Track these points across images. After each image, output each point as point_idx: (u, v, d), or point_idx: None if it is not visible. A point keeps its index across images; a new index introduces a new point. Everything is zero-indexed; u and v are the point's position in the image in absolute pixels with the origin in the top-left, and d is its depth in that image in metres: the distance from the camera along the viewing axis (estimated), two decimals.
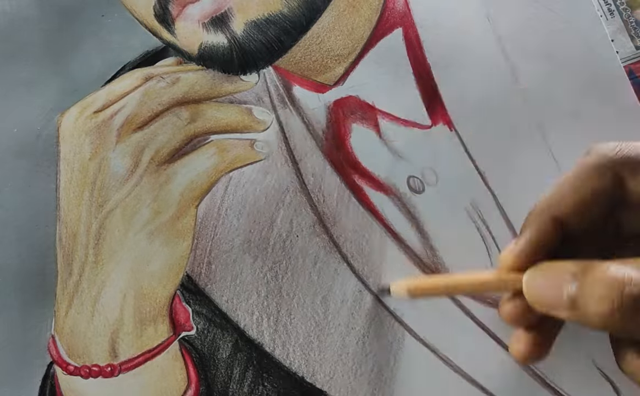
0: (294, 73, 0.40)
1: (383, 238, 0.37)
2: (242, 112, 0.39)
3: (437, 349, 0.36)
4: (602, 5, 0.41)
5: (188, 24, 0.39)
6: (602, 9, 0.41)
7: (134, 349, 0.35)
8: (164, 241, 0.36)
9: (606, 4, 0.41)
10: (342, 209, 0.38)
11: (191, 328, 0.36)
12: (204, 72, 0.39)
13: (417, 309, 0.36)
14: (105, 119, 0.37)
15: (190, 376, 0.35)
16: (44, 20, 0.40)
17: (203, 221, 0.37)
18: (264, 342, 0.36)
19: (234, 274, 0.36)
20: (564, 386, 0.35)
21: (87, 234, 0.36)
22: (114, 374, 0.34)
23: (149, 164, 0.37)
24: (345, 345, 0.36)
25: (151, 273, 0.36)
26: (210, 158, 0.38)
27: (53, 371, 0.35)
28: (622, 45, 0.41)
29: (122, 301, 0.35)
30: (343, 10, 0.40)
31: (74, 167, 0.37)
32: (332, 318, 0.36)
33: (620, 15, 0.41)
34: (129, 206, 0.36)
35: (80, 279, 0.35)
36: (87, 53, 0.39)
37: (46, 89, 0.38)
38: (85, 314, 0.35)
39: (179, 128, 0.38)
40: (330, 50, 0.40)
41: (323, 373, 0.35)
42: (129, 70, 0.39)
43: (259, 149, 0.38)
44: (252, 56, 0.39)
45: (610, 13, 0.41)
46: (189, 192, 0.37)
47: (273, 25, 0.39)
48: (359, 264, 0.37)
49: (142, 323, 0.35)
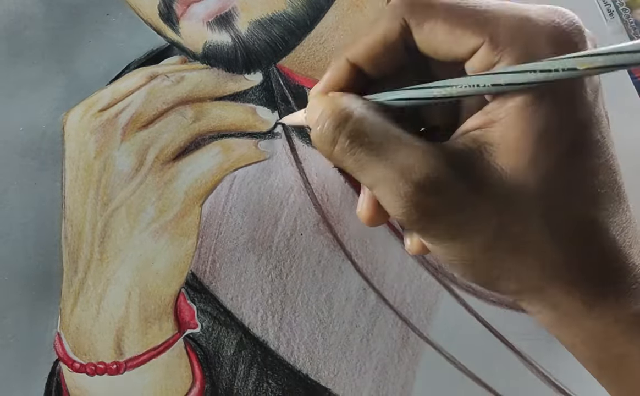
0: (298, 72, 0.40)
1: (387, 235, 0.38)
2: (247, 111, 0.39)
3: (441, 347, 0.36)
4: (601, 6, 0.42)
5: (192, 23, 0.39)
6: (601, 10, 0.41)
7: (139, 347, 0.35)
8: (168, 239, 0.36)
9: (606, 4, 0.42)
10: (346, 208, 0.38)
11: (196, 326, 0.36)
12: (209, 71, 0.39)
13: (421, 308, 0.36)
14: (110, 118, 0.38)
15: (195, 373, 0.35)
16: (49, 19, 0.40)
17: (207, 220, 0.37)
18: (268, 340, 0.36)
19: (238, 272, 0.37)
20: (568, 384, 0.35)
21: (92, 232, 0.36)
22: (120, 371, 0.35)
23: (154, 162, 0.37)
24: (350, 343, 0.36)
25: (156, 271, 0.36)
26: (214, 157, 0.38)
27: (59, 369, 0.35)
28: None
29: (127, 299, 0.35)
30: (347, 10, 0.41)
31: (79, 166, 0.37)
32: (336, 316, 0.36)
33: (620, 15, 0.41)
34: (134, 204, 0.36)
35: (86, 277, 0.36)
36: (92, 52, 0.39)
37: (51, 88, 0.38)
38: (90, 312, 0.35)
39: (183, 127, 0.38)
40: (334, 50, 0.40)
41: (327, 371, 0.35)
42: (133, 68, 0.39)
43: (263, 148, 0.39)
44: (256, 55, 0.39)
45: (609, 14, 0.41)
46: (193, 190, 0.37)
47: (277, 25, 0.39)
48: (363, 263, 0.37)
49: (147, 321, 0.35)
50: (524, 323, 0.36)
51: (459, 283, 0.37)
